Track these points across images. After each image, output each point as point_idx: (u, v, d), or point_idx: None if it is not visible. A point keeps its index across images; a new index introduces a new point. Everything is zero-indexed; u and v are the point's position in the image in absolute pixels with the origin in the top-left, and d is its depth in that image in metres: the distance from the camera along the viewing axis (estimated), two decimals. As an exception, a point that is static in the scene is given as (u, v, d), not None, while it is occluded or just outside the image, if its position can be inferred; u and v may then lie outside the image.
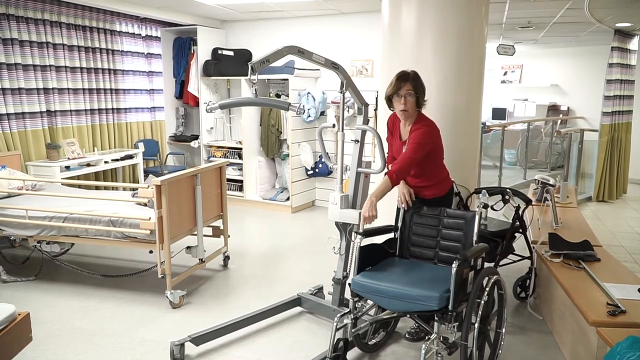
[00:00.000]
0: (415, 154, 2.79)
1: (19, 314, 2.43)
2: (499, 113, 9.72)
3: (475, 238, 2.72)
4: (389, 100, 2.91)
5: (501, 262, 3.51)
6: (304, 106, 6.10)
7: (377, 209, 2.76)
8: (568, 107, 9.34)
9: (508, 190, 3.61)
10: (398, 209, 3.00)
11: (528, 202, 3.59)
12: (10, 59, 4.85)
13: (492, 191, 3.73)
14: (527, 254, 3.68)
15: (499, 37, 7.67)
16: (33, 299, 3.68)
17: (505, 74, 9.90)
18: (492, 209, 3.68)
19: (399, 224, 2.98)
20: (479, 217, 2.73)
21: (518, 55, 8.77)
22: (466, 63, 3.84)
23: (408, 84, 2.80)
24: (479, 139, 4.21)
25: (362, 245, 2.70)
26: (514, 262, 3.69)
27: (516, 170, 8.49)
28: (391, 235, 2.98)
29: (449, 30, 3.75)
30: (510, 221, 3.57)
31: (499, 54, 7.54)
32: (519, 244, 3.68)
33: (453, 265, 2.33)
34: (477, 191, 3.91)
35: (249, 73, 2.74)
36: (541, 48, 9.28)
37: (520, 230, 3.59)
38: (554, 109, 9.43)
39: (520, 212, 3.53)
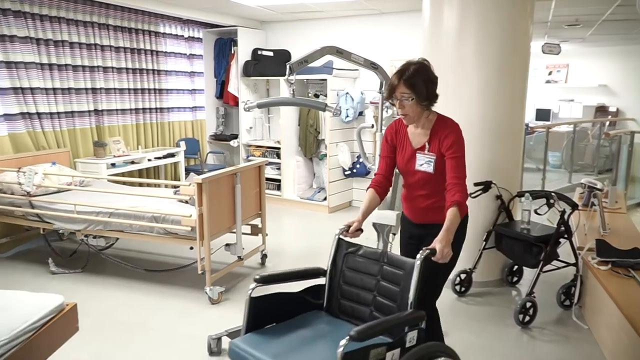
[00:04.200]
0: (464, 172, 2.25)
1: (67, 305, 2.52)
2: (543, 114, 9.44)
3: (411, 300, 1.96)
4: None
5: (545, 268, 3.41)
6: (340, 107, 6.09)
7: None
8: (617, 109, 8.98)
9: (553, 194, 3.51)
10: (336, 243, 2.35)
11: (574, 206, 3.47)
12: (61, 59, 5.04)
13: (536, 195, 3.65)
14: (573, 261, 3.56)
15: (544, 36, 7.45)
16: (80, 291, 3.82)
17: (550, 73, 9.61)
18: (536, 212, 3.59)
19: (329, 266, 2.33)
20: (418, 270, 1.97)
21: (564, 54, 8.48)
22: (510, 63, 3.76)
23: (402, 85, 2.21)
24: (522, 140, 4.11)
25: (267, 293, 2.18)
26: (558, 268, 3.58)
27: (561, 174, 8.22)
28: (320, 280, 2.36)
29: (492, 29, 3.68)
30: (555, 226, 3.47)
31: (543, 53, 7.33)
32: (564, 249, 3.56)
33: (340, 345, 1.68)
34: (520, 194, 3.83)
35: (287, 73, 2.76)
36: (589, 47, 8.96)
37: (566, 236, 3.48)
38: (602, 110, 9.08)
39: (565, 216, 3.43)
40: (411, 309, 1.95)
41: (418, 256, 1.98)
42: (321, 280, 2.34)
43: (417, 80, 2.20)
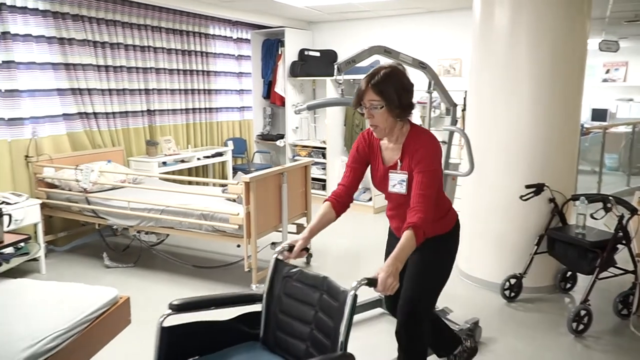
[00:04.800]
0: (433, 189, 1.97)
1: (121, 298, 2.62)
2: (599, 114, 9.05)
3: (342, 338, 1.66)
4: None
5: (601, 275, 3.27)
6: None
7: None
8: (681, 108, 8.51)
9: (610, 197, 3.36)
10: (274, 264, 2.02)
11: (633, 211, 3.30)
12: (116, 61, 5.24)
13: (592, 198, 3.50)
14: (631, 268, 3.39)
15: (602, 33, 7.13)
16: (131, 284, 3.95)
17: (607, 72, 9.20)
18: (592, 217, 3.45)
19: (265, 291, 2.02)
20: (351, 302, 1.67)
21: (622, 52, 8.07)
22: (565, 62, 3.63)
23: (370, 91, 1.96)
24: (576, 142, 3.96)
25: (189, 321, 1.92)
26: (615, 275, 3.42)
27: (618, 176, 7.85)
28: (257, 306, 2.03)
29: (546, 27, 3.57)
30: (612, 231, 3.31)
31: (601, 50, 6.99)
32: (621, 256, 3.40)
33: None
34: (575, 198, 3.69)
35: (335, 73, 2.77)
36: (650, 44, 8.53)
37: (624, 242, 3.32)
38: (663, 110, 8.63)
39: (624, 221, 3.27)
40: (342, 349, 1.65)
41: (353, 284, 1.68)
42: (259, 307, 2.03)
43: (387, 86, 1.94)
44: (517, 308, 3.65)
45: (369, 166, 2.22)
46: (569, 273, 3.88)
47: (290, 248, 1.96)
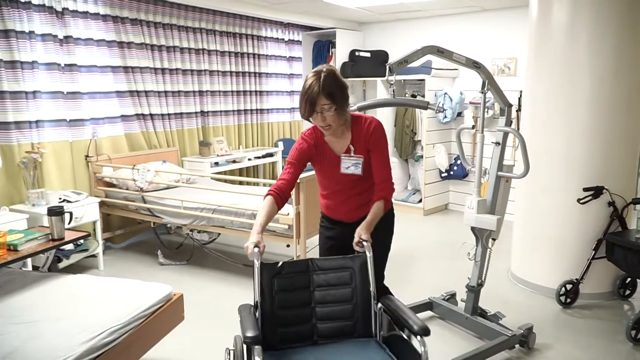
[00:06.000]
0: (390, 164, 2.32)
1: (174, 295, 2.69)
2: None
3: (373, 288, 2.09)
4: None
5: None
6: (443, 104, 5.94)
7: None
8: None
9: (678, 202, 3.17)
10: (260, 273, 2.10)
11: None
12: (172, 64, 5.40)
13: (657, 203, 3.32)
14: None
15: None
16: (185, 282, 4.06)
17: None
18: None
19: (257, 298, 2.08)
20: (372, 260, 2.08)
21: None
22: (628, 58, 3.46)
23: (322, 97, 2.08)
24: (638, 143, 3.75)
25: None
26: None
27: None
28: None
29: (608, 21, 3.41)
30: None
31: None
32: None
33: None
34: (636, 201, 3.52)
35: (387, 74, 2.73)
36: None
37: (694, 249, 3.12)
38: None
39: (694, 228, 3.07)
40: (374, 299, 2.07)
41: (365, 245, 2.07)
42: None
43: (335, 88, 2.11)
44: (573, 314, 3.50)
45: (316, 160, 2.37)
46: (629, 279, 3.71)
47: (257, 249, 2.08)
